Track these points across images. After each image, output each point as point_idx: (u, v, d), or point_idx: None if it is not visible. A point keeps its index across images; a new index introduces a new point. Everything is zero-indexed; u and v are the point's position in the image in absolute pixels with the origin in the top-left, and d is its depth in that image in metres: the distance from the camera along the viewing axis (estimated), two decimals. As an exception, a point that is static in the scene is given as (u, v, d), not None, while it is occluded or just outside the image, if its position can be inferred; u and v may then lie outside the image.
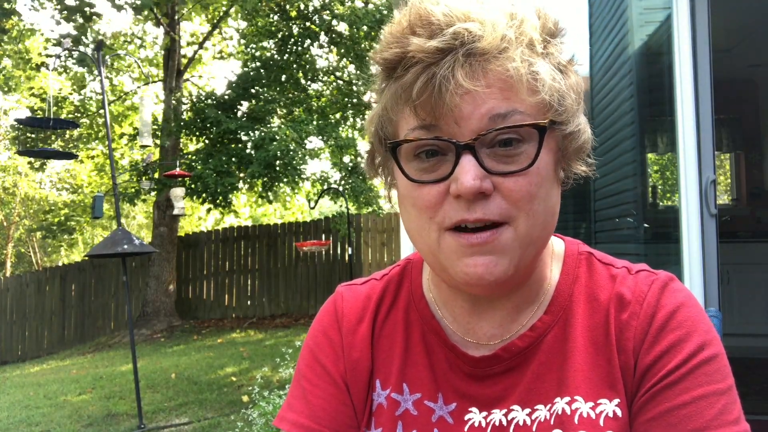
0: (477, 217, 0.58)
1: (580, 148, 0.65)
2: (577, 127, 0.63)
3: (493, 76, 0.56)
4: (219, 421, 4.58)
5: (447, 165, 0.59)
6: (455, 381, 0.69)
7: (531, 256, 0.63)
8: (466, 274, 0.60)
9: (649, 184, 3.30)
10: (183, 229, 15.19)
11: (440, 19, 0.57)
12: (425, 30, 0.57)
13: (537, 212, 0.60)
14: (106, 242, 4.71)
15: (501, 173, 0.58)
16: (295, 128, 8.36)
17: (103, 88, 5.29)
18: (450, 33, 0.56)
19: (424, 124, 0.59)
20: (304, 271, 10.78)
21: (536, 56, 0.59)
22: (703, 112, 2.41)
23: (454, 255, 0.60)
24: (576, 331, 0.66)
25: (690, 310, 0.63)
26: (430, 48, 0.56)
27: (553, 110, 0.59)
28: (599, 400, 0.63)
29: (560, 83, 0.60)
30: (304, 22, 9.92)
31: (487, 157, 0.58)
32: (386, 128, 0.64)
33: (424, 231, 0.62)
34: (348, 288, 0.79)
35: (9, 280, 13.16)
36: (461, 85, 0.55)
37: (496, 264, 0.59)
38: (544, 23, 0.61)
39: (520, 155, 0.58)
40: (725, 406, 0.59)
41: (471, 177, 0.56)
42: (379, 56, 0.61)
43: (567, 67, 0.62)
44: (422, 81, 0.56)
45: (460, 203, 0.58)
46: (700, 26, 2.42)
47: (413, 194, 0.61)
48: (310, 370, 0.74)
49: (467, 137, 0.57)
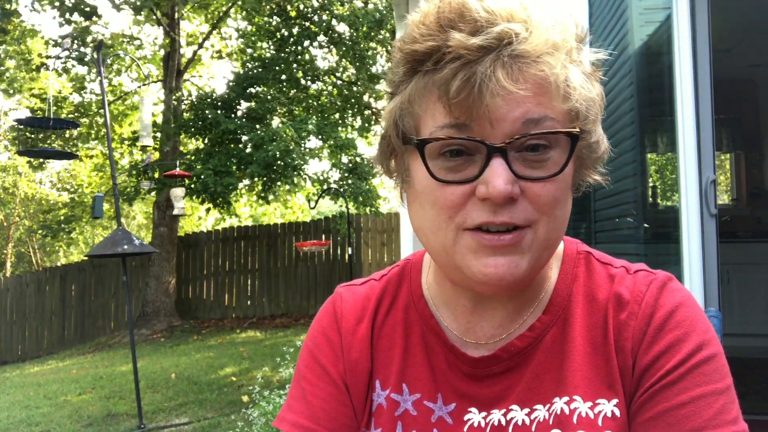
0: (503, 221, 0.57)
1: (599, 158, 0.65)
2: (598, 137, 0.63)
3: (531, 79, 0.56)
4: (219, 421, 4.58)
5: (474, 166, 0.58)
6: (454, 381, 0.69)
7: (546, 258, 0.63)
8: (485, 275, 0.59)
9: (649, 184, 3.29)
10: (183, 229, 15.20)
11: (482, 15, 0.56)
12: (466, 26, 0.56)
13: (557, 217, 0.60)
14: (106, 242, 4.71)
15: (530, 178, 0.58)
16: (294, 127, 8.36)
17: (103, 88, 5.29)
18: (495, 32, 0.55)
19: (457, 122, 0.57)
20: (304, 271, 10.78)
21: (572, 63, 0.58)
22: (703, 112, 2.41)
23: (472, 254, 0.59)
24: (574, 331, 0.66)
25: (688, 310, 0.63)
26: (473, 45, 0.55)
27: (581, 118, 0.59)
28: (598, 400, 0.63)
29: (590, 92, 0.60)
30: (304, 22, 9.92)
31: (516, 161, 0.58)
32: (407, 122, 0.62)
33: (440, 230, 0.61)
34: (347, 289, 0.79)
35: (9, 280, 13.16)
36: (502, 86, 0.55)
37: (517, 265, 0.59)
38: (577, 29, 0.61)
39: (547, 161, 0.58)
40: (723, 406, 0.59)
41: (503, 181, 0.56)
42: (408, 47, 0.59)
43: (593, 75, 0.62)
44: (461, 78, 0.55)
45: (485, 205, 0.58)
46: (700, 26, 2.42)
47: (435, 193, 0.60)
48: (310, 370, 0.74)
49: (499, 140, 0.57)
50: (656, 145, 3.24)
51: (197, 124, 9.27)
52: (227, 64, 13.43)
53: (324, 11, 9.66)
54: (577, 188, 0.66)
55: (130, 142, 10.99)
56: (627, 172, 3.09)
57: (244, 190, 10.74)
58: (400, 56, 0.61)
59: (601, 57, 0.63)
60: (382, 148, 0.68)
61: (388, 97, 0.65)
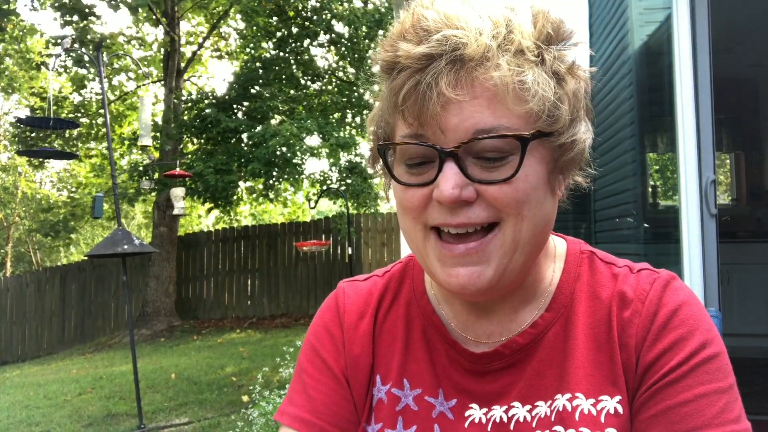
0: (460, 222, 0.58)
1: (574, 159, 0.63)
2: (571, 137, 0.61)
3: (479, 85, 0.56)
4: (219, 421, 4.58)
5: (432, 170, 0.59)
6: (456, 377, 0.69)
7: (519, 262, 0.62)
8: (448, 284, 0.61)
9: (649, 184, 3.30)
10: (183, 229, 15.20)
11: (430, 24, 0.57)
12: (415, 35, 0.57)
13: (526, 217, 0.59)
14: (106, 242, 4.70)
15: (483, 181, 0.58)
16: (296, 125, 8.36)
17: (103, 88, 5.29)
18: (435, 39, 0.56)
19: (412, 132, 0.59)
20: (304, 271, 10.78)
21: (527, 64, 0.57)
22: (703, 112, 2.41)
23: (438, 262, 0.61)
24: (577, 329, 0.67)
25: (692, 309, 0.64)
26: (416, 54, 0.56)
27: (543, 120, 0.58)
28: (600, 396, 0.63)
29: (552, 92, 0.58)
30: (303, 21, 9.92)
31: (473, 165, 0.58)
32: (384, 130, 0.64)
33: (411, 231, 0.63)
34: (350, 284, 0.80)
35: (9, 280, 13.16)
36: (443, 93, 0.55)
37: (480, 274, 0.60)
38: (541, 29, 0.59)
39: (505, 165, 0.58)
40: (726, 405, 0.59)
41: (450, 185, 0.57)
42: (378, 58, 0.62)
43: (566, 73, 0.60)
44: (408, 87, 0.57)
45: (442, 208, 0.59)
46: (700, 26, 2.42)
47: (401, 195, 0.63)
48: (311, 364, 0.74)
49: (451, 145, 0.57)
50: (656, 145, 3.24)
51: (197, 124, 9.27)
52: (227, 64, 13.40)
53: (323, 11, 9.66)
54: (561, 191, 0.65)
55: (130, 142, 10.99)
56: (627, 172, 3.10)
57: (245, 191, 10.73)
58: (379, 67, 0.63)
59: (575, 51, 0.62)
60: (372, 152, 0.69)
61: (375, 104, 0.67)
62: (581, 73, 0.62)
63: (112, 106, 12.27)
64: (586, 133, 0.63)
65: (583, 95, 0.62)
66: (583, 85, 0.62)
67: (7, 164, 17.22)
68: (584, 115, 0.63)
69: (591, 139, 0.65)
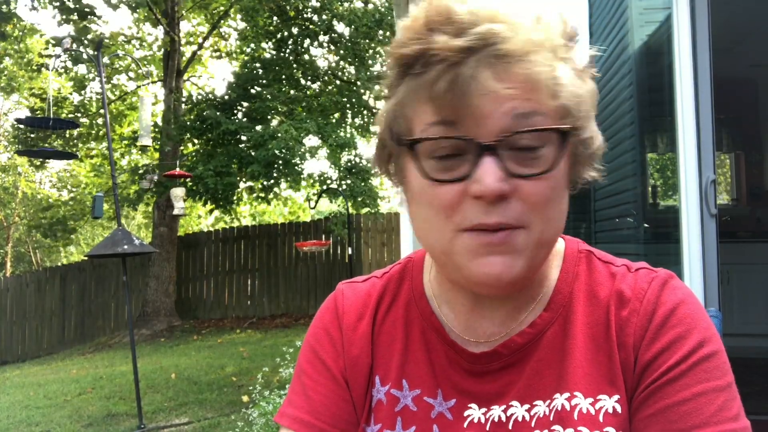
0: (496, 221, 0.58)
1: (593, 154, 0.65)
2: (591, 133, 0.63)
3: (515, 79, 0.56)
4: (219, 421, 4.58)
5: (466, 164, 0.58)
6: (454, 377, 0.69)
7: (542, 257, 0.63)
8: (484, 274, 0.59)
9: (649, 184, 3.30)
10: (183, 229, 15.20)
11: (465, 17, 0.56)
12: (450, 28, 0.57)
13: (551, 216, 0.60)
14: (106, 242, 4.71)
15: (522, 176, 0.58)
16: (294, 126, 8.36)
17: (103, 88, 5.29)
18: (476, 33, 0.55)
19: (445, 119, 0.58)
20: (304, 271, 10.78)
21: (558, 61, 0.58)
22: (703, 112, 2.40)
23: (470, 255, 0.60)
24: (576, 328, 0.67)
25: (690, 307, 0.64)
26: (455, 47, 0.55)
27: (571, 116, 0.59)
28: (599, 396, 0.63)
29: (580, 89, 0.60)
30: (303, 22, 9.92)
31: (508, 158, 0.58)
32: (400, 124, 0.63)
33: (438, 231, 0.61)
34: (349, 285, 0.80)
35: (9, 280, 13.17)
36: (486, 85, 0.55)
37: (512, 265, 0.59)
38: (564, 27, 0.61)
39: (539, 158, 0.58)
40: (725, 403, 0.59)
41: (494, 179, 0.56)
42: (397, 51, 0.60)
43: (584, 72, 0.62)
44: (446, 80, 0.56)
45: (479, 204, 0.58)
46: (700, 26, 2.42)
47: (430, 193, 0.60)
48: (311, 366, 0.74)
49: (489, 137, 0.57)
50: (656, 145, 3.24)
51: (197, 125, 9.27)
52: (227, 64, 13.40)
53: (324, 11, 9.66)
54: (573, 185, 0.66)
55: (130, 142, 10.99)
56: (627, 172, 3.10)
57: (246, 191, 10.73)
58: (391, 60, 0.62)
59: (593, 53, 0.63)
60: (379, 150, 0.68)
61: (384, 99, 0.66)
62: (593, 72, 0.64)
63: (112, 106, 12.27)
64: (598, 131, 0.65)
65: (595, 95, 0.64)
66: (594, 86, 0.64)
67: (7, 164, 17.22)
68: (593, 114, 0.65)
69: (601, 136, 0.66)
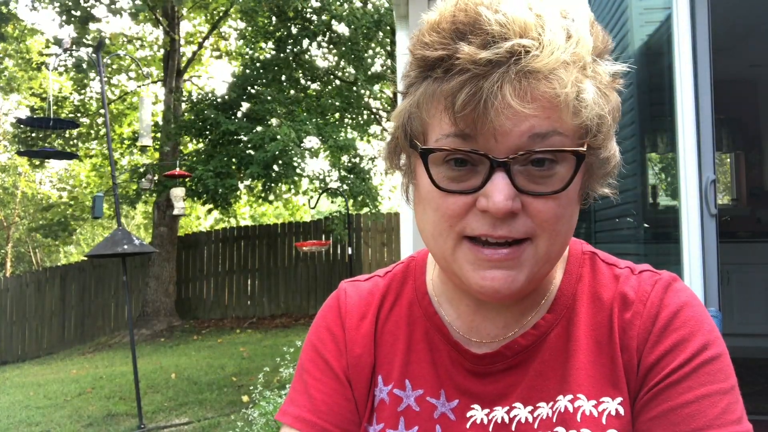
0: (502, 234, 0.57)
1: (609, 172, 0.64)
2: (610, 152, 0.62)
3: (540, 96, 0.54)
4: (219, 421, 4.58)
5: (477, 177, 0.58)
6: (457, 378, 0.69)
7: (547, 270, 0.63)
8: (481, 287, 0.59)
9: (649, 184, 3.29)
10: (183, 229, 15.19)
11: (494, 29, 0.54)
12: (477, 38, 0.54)
13: (559, 233, 0.60)
14: (106, 242, 4.71)
15: (532, 194, 0.57)
16: (294, 128, 8.35)
17: (103, 89, 5.29)
18: (506, 47, 0.53)
19: (462, 132, 0.57)
20: (304, 271, 10.78)
21: (585, 78, 0.56)
22: (703, 112, 2.41)
23: (470, 266, 0.60)
24: (579, 330, 0.67)
25: (693, 310, 0.64)
26: (481, 60, 0.53)
27: (591, 135, 0.58)
28: (602, 398, 0.63)
29: (603, 108, 0.58)
30: (303, 22, 9.91)
31: (520, 174, 0.57)
32: (415, 125, 0.61)
33: (441, 237, 0.61)
34: (351, 284, 0.79)
35: (9, 280, 13.16)
36: (508, 103, 0.53)
37: (514, 279, 0.59)
38: (596, 41, 0.59)
39: (552, 177, 0.57)
40: (728, 406, 0.59)
41: (504, 197, 0.55)
42: (420, 52, 0.59)
43: (609, 87, 0.60)
44: (467, 93, 0.54)
45: (485, 218, 0.57)
46: (700, 26, 2.42)
47: (437, 200, 0.60)
48: (313, 365, 0.74)
49: (503, 153, 0.56)
50: (656, 145, 3.24)
51: (197, 125, 9.27)
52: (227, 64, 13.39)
53: (323, 11, 9.65)
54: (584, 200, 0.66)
55: (130, 142, 10.98)
56: (627, 172, 3.10)
57: (245, 191, 10.73)
58: (412, 59, 0.60)
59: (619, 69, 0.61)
60: (391, 146, 0.67)
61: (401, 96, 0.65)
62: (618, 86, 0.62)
63: (112, 106, 12.26)
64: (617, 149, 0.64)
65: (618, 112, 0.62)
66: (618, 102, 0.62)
67: (7, 164, 17.21)
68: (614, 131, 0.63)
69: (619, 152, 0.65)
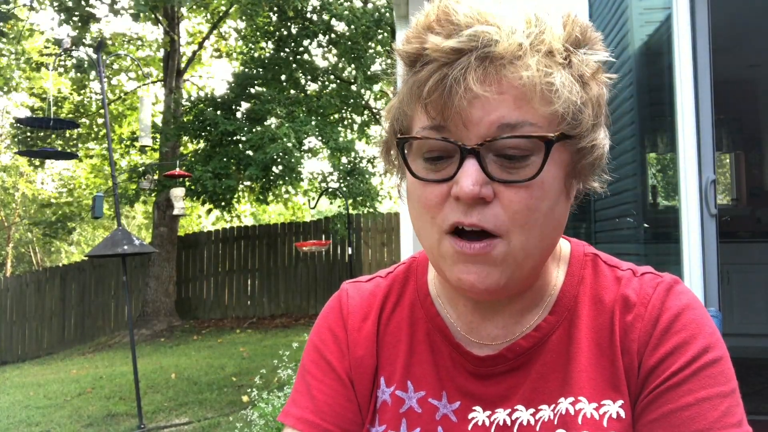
0: (472, 222, 0.58)
1: (593, 163, 0.64)
2: (591, 142, 0.61)
3: (506, 82, 0.56)
4: (219, 421, 4.58)
5: (452, 167, 0.59)
6: (459, 379, 0.69)
7: (529, 267, 0.62)
8: (459, 280, 0.60)
9: (649, 184, 3.29)
10: (183, 229, 15.19)
11: (460, 19, 0.56)
12: (444, 28, 0.57)
13: (533, 226, 0.59)
14: (106, 242, 4.71)
15: (503, 181, 0.58)
16: (293, 128, 8.35)
17: (103, 89, 5.29)
18: (467, 34, 0.55)
19: (434, 124, 0.58)
20: (304, 271, 10.78)
21: (555, 66, 0.57)
22: (703, 112, 2.40)
23: (450, 260, 0.61)
24: (580, 333, 0.67)
25: (694, 313, 0.64)
26: (445, 48, 0.56)
27: (566, 123, 0.58)
28: (603, 401, 0.63)
29: (578, 96, 0.58)
30: (303, 21, 9.91)
31: (493, 163, 0.58)
32: (402, 121, 0.64)
33: (425, 230, 0.63)
34: (353, 285, 0.79)
35: (9, 280, 13.15)
36: (471, 89, 0.55)
37: (487, 275, 0.59)
38: (570, 32, 0.59)
39: (526, 167, 0.58)
40: (728, 409, 0.59)
41: (471, 182, 0.56)
42: (402, 49, 0.61)
43: (591, 78, 0.60)
44: (434, 80, 0.56)
45: (459, 206, 0.58)
46: (700, 26, 2.42)
47: (418, 192, 0.62)
48: (315, 366, 0.74)
49: (474, 142, 0.57)
50: (656, 145, 3.24)
51: (195, 126, 9.26)
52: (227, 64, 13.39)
53: (323, 10, 9.65)
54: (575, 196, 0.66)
55: (129, 143, 10.98)
56: (627, 172, 3.09)
57: (246, 191, 10.74)
58: (398, 57, 0.63)
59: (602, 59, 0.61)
60: (384, 144, 0.69)
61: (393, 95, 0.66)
62: (604, 78, 0.62)
63: (112, 106, 12.26)
64: (605, 139, 0.64)
65: (604, 101, 0.62)
66: (605, 91, 0.62)
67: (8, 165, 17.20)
68: (603, 121, 0.63)
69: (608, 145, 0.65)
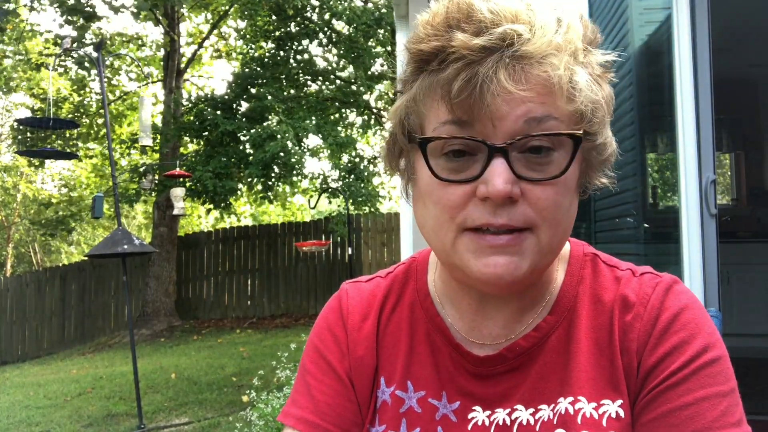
0: (502, 223, 0.57)
1: (606, 160, 0.65)
2: (605, 139, 0.63)
3: (534, 80, 0.56)
4: (219, 421, 4.58)
5: (476, 166, 0.58)
6: (459, 379, 0.69)
7: (548, 261, 0.63)
8: (484, 274, 0.59)
9: (649, 184, 3.29)
10: (183, 229, 15.19)
11: (486, 16, 0.56)
12: (470, 26, 0.56)
13: (559, 222, 0.60)
14: (106, 242, 4.71)
15: (531, 180, 0.58)
16: (293, 126, 8.35)
17: (103, 89, 5.29)
18: (498, 33, 0.55)
19: (458, 119, 0.58)
20: (304, 271, 10.77)
21: (577, 64, 0.58)
22: (703, 112, 2.40)
23: (471, 254, 0.60)
24: (580, 332, 0.67)
25: (694, 312, 0.64)
26: (475, 46, 0.55)
27: (587, 120, 0.59)
28: (602, 400, 0.63)
29: (596, 94, 0.59)
30: (303, 21, 9.91)
31: (518, 161, 0.58)
32: (412, 120, 0.63)
33: (441, 230, 0.61)
34: (353, 285, 0.79)
35: (9, 280, 13.15)
36: (503, 86, 0.55)
37: (517, 266, 0.59)
38: (585, 31, 0.60)
39: (550, 164, 0.58)
40: (728, 408, 0.59)
41: (503, 180, 0.56)
42: (414, 47, 0.60)
43: (602, 77, 0.62)
44: (463, 78, 0.55)
45: (486, 206, 0.58)
46: (700, 26, 2.42)
47: (437, 192, 0.60)
48: (315, 366, 0.74)
49: (501, 139, 0.57)
50: (656, 145, 3.24)
51: (196, 125, 9.26)
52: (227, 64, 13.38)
53: (323, 10, 9.65)
54: (583, 191, 0.66)
55: (129, 143, 10.97)
56: (627, 172, 3.09)
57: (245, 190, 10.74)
58: (408, 56, 0.62)
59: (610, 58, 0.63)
60: (390, 146, 0.68)
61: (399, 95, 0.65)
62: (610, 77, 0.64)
63: (112, 106, 12.26)
64: (612, 138, 0.65)
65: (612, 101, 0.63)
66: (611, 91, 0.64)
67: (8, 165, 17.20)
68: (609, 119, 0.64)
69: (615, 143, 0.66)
